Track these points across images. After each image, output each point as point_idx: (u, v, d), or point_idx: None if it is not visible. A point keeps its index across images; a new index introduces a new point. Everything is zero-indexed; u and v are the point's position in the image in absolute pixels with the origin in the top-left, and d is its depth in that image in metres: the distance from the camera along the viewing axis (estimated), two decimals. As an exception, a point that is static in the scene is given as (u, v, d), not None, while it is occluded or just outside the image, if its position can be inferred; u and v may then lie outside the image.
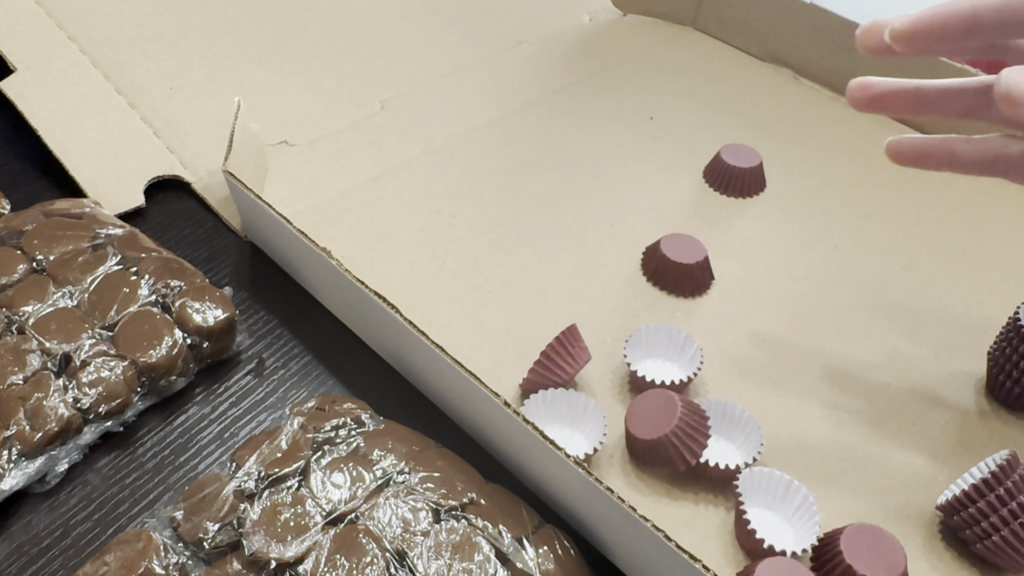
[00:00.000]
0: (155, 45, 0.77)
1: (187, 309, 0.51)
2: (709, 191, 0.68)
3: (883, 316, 0.59)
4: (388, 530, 0.41)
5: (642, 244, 0.62)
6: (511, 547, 0.41)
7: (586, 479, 0.40)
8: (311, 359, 0.54)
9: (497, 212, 0.64)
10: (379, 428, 0.46)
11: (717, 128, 0.75)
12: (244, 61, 0.77)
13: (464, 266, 0.60)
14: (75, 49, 0.75)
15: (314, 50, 0.79)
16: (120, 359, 0.48)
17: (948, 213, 0.67)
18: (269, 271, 0.60)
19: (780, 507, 0.46)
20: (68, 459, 0.46)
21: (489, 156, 0.70)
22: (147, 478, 0.47)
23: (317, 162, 0.67)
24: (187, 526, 0.41)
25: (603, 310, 0.58)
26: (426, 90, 0.76)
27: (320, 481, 0.43)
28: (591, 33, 0.87)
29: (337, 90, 0.75)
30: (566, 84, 0.79)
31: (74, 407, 0.46)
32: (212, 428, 0.50)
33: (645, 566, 0.41)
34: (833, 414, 0.52)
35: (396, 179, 0.66)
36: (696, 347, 0.52)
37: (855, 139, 0.75)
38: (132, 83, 0.72)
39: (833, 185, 0.70)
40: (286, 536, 0.41)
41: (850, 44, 0.77)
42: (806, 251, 0.63)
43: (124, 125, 0.68)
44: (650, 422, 0.47)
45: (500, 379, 0.52)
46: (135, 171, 0.64)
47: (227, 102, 0.71)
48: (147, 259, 0.54)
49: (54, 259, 0.53)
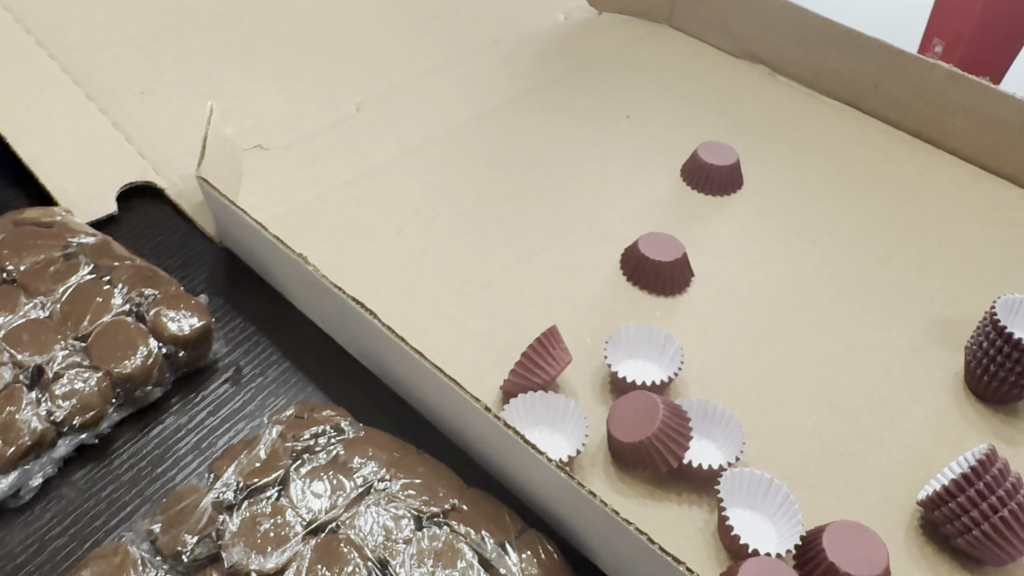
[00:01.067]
0: (125, 49, 0.76)
1: (162, 318, 0.50)
2: (687, 189, 0.68)
3: (861, 311, 0.59)
4: (370, 539, 0.41)
5: (621, 243, 0.62)
6: (494, 553, 0.41)
7: (568, 483, 0.40)
8: (289, 366, 0.53)
9: (475, 213, 0.64)
10: (359, 435, 0.46)
11: (694, 126, 0.75)
12: (217, 64, 0.76)
13: (443, 268, 0.59)
14: (43, 54, 0.74)
15: (288, 52, 0.79)
16: (94, 370, 0.48)
17: (924, 207, 0.68)
18: (245, 277, 0.59)
19: (762, 506, 0.46)
20: (42, 473, 0.45)
21: (466, 156, 0.69)
22: (124, 491, 0.46)
23: (292, 165, 0.67)
24: (165, 539, 0.41)
25: (583, 310, 0.57)
26: (402, 91, 0.76)
27: (300, 490, 0.43)
28: (567, 32, 0.86)
29: (312, 92, 0.74)
30: (542, 83, 0.79)
31: (47, 420, 0.45)
32: (189, 438, 0.49)
33: (629, 569, 0.41)
34: (813, 410, 0.52)
35: (373, 181, 0.66)
36: (676, 347, 0.52)
37: (831, 135, 0.75)
38: (102, 88, 0.71)
39: (809, 181, 0.70)
40: (266, 547, 0.40)
41: (824, 40, 0.77)
42: (784, 247, 0.64)
43: (95, 131, 0.67)
44: (632, 425, 0.47)
45: (481, 382, 0.52)
46: (107, 178, 0.63)
47: (200, 106, 0.70)
48: (120, 267, 0.53)
49: (25, 269, 0.52)
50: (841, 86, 0.78)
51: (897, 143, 0.74)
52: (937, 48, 0.78)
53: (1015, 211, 0.68)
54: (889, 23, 0.98)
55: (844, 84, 0.78)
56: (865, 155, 0.73)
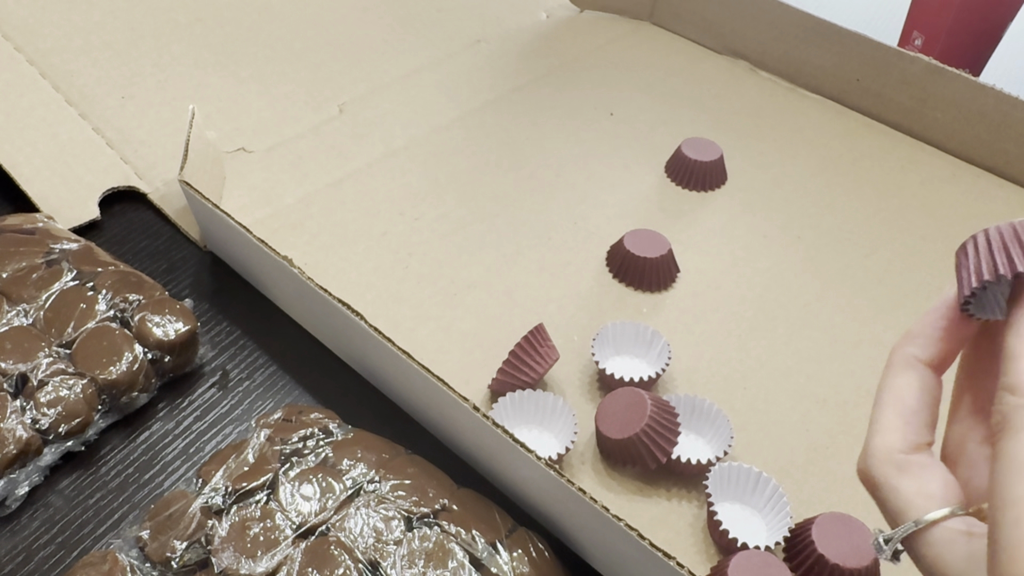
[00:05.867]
0: (105, 54, 0.76)
1: (147, 323, 0.50)
2: (671, 185, 0.68)
3: (846, 304, 0.59)
4: (360, 540, 0.41)
5: (606, 240, 0.62)
6: (485, 552, 0.41)
7: (558, 480, 0.40)
8: (276, 369, 0.53)
9: (460, 213, 0.64)
10: (348, 437, 0.46)
11: (677, 122, 0.75)
12: (197, 68, 0.76)
13: (428, 269, 0.59)
14: (22, 60, 0.73)
15: (269, 55, 0.78)
16: (79, 377, 0.47)
17: (907, 200, 0.68)
18: (230, 281, 0.59)
19: (751, 500, 0.46)
20: (28, 481, 0.45)
21: (450, 157, 0.69)
22: (111, 498, 0.46)
23: (276, 168, 0.66)
24: (154, 545, 0.41)
25: (570, 308, 0.58)
26: (384, 92, 0.75)
27: (289, 494, 0.42)
28: (548, 30, 0.86)
29: (294, 94, 0.74)
30: (525, 82, 0.79)
31: (33, 428, 0.45)
32: (177, 444, 0.49)
33: (620, 565, 0.41)
34: (800, 404, 0.53)
35: (357, 183, 0.66)
36: (663, 343, 0.52)
37: (814, 130, 0.75)
38: (83, 93, 0.71)
39: (793, 176, 0.70)
40: (256, 551, 0.40)
41: (805, 35, 0.77)
42: (769, 242, 0.64)
43: (76, 136, 0.66)
44: (620, 421, 0.47)
45: (469, 382, 0.52)
46: (89, 183, 0.63)
47: (181, 110, 0.70)
48: (104, 273, 0.53)
49: (7, 276, 0.52)
50: (823, 81, 0.78)
51: (879, 137, 0.75)
52: (917, 41, 0.78)
53: (997, 202, 0.69)
54: (869, 17, 0.99)
55: (826, 79, 0.78)
56: (848, 149, 0.73)
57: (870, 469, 0.28)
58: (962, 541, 0.25)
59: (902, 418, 0.28)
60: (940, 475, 0.27)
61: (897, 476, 0.27)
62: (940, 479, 0.27)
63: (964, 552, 0.25)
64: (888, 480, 0.27)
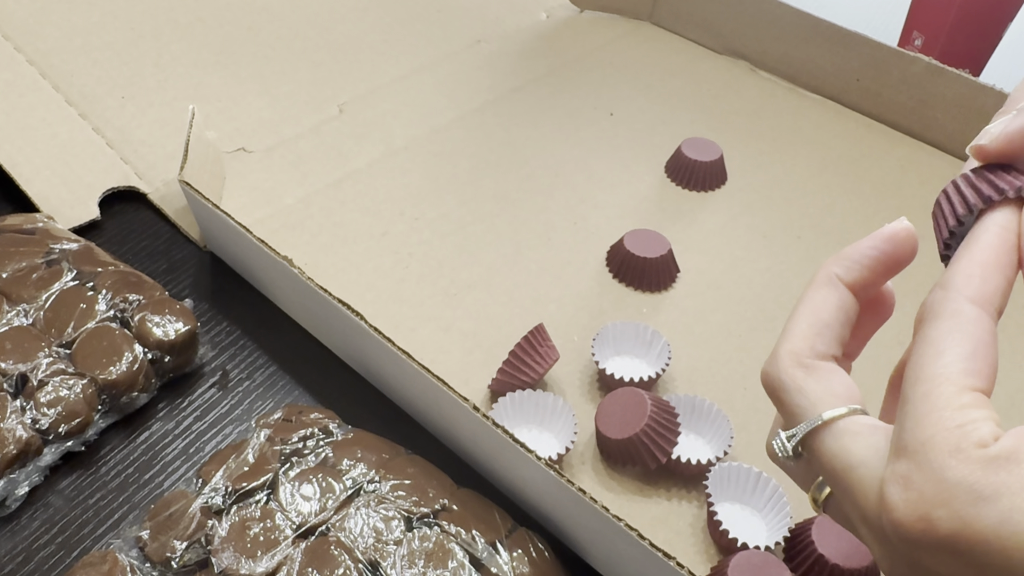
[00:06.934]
0: (105, 54, 0.76)
1: (147, 323, 0.50)
2: (671, 185, 0.68)
3: (846, 304, 0.59)
4: (360, 541, 0.41)
5: (606, 241, 0.62)
6: (485, 552, 0.41)
7: (558, 480, 0.40)
8: (276, 369, 0.53)
9: (460, 213, 0.64)
10: (347, 437, 0.46)
11: (677, 122, 0.75)
12: (197, 68, 0.76)
13: (428, 269, 0.59)
14: (22, 60, 0.73)
15: (269, 55, 0.78)
16: (79, 377, 0.47)
17: (907, 200, 0.68)
18: (230, 281, 0.59)
19: (751, 500, 0.46)
20: (28, 482, 0.45)
21: (450, 157, 0.69)
22: (111, 498, 0.46)
23: (276, 168, 0.66)
24: (154, 545, 0.41)
25: (570, 308, 0.58)
26: (384, 92, 0.75)
27: (289, 494, 0.42)
28: (548, 30, 0.86)
29: (294, 94, 0.74)
30: (525, 82, 0.79)
31: (33, 428, 0.45)
32: (177, 444, 0.49)
33: (620, 565, 0.41)
34: (801, 404, 0.53)
35: (357, 183, 0.66)
36: (663, 343, 0.52)
37: (813, 130, 0.75)
38: (83, 93, 0.71)
39: (793, 176, 0.70)
40: (256, 552, 0.40)
41: (805, 35, 0.77)
42: (769, 242, 0.64)
43: (76, 136, 0.66)
44: (620, 421, 0.47)
45: (468, 382, 0.52)
46: (89, 183, 0.63)
47: (181, 110, 0.70)
48: (104, 273, 0.53)
49: (7, 276, 0.52)
50: (823, 81, 0.78)
51: (879, 137, 0.75)
52: (917, 41, 0.78)
53: (996, 202, 0.69)
54: (869, 17, 0.99)
55: (826, 79, 0.78)
56: (847, 149, 0.73)
57: (777, 372, 0.28)
58: (867, 432, 0.26)
59: (814, 328, 0.29)
60: (846, 379, 0.28)
61: (804, 377, 0.28)
62: (846, 382, 0.28)
63: (869, 443, 0.26)
64: (795, 381, 0.28)
